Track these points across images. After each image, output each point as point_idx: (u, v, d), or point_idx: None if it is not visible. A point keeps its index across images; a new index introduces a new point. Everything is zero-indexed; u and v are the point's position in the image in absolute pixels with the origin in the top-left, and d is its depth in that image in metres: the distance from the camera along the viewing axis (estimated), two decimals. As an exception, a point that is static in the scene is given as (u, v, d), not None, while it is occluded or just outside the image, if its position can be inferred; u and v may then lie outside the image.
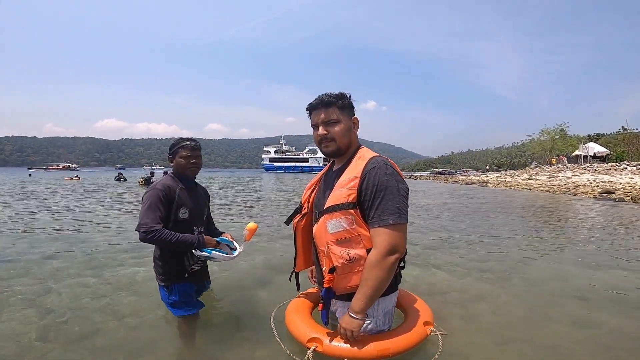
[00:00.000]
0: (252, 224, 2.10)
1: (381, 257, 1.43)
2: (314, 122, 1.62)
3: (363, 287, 1.47)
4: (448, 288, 2.89)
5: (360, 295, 1.48)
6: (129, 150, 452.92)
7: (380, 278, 1.44)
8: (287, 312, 1.92)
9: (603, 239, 5.21)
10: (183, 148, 2.02)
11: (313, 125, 1.64)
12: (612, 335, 2.10)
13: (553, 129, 42.59)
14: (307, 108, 1.65)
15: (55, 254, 3.78)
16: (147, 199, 1.90)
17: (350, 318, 1.50)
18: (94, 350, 1.85)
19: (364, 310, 1.49)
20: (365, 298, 1.47)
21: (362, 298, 1.48)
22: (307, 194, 1.86)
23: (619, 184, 16.87)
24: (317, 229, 1.61)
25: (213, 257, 1.93)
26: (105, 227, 5.60)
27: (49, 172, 59.13)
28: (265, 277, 3.13)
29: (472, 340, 1.99)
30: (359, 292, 1.49)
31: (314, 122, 1.63)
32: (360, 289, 1.49)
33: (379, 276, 1.44)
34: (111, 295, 2.62)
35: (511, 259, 3.92)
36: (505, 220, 7.07)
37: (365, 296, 1.47)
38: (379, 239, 1.45)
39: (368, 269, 1.46)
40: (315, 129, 1.62)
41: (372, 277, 1.45)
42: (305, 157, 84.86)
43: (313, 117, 1.63)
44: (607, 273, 3.39)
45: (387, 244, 1.43)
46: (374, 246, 1.46)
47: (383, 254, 1.43)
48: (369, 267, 1.46)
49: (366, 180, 1.48)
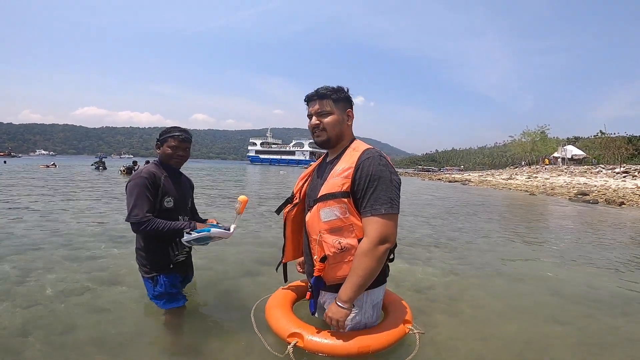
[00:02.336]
0: (243, 196, 2.06)
1: (372, 246, 1.45)
2: (309, 112, 1.69)
3: (352, 276, 1.49)
4: (431, 284, 2.95)
5: (348, 284, 1.49)
6: (109, 139, 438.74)
7: (370, 267, 1.46)
8: (268, 306, 1.92)
9: (577, 238, 5.43)
10: (172, 138, 1.99)
11: (308, 115, 1.70)
12: (584, 330, 2.20)
13: (534, 131, 43.86)
14: (305, 99, 1.72)
15: (33, 244, 3.65)
16: (134, 188, 1.84)
17: (337, 307, 1.52)
18: (76, 345, 1.80)
19: (351, 299, 1.51)
20: (353, 287, 1.49)
21: (351, 287, 1.49)
22: (300, 184, 1.88)
23: (593, 186, 17.54)
24: (310, 217, 1.62)
25: (211, 235, 1.84)
26: (85, 217, 5.44)
27: (23, 159, 56.57)
28: (251, 268, 3.11)
29: (454, 335, 2.04)
30: (347, 281, 1.50)
31: (309, 112, 1.69)
32: (349, 278, 1.49)
33: (369, 265, 1.46)
34: (93, 287, 2.55)
35: (490, 256, 4.03)
36: (487, 218, 7.26)
37: (353, 285, 1.48)
38: (371, 228, 1.47)
39: (358, 258, 1.47)
40: (310, 119, 1.68)
41: (362, 266, 1.46)
42: (291, 150, 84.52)
43: (309, 107, 1.69)
44: (580, 271, 3.54)
45: (378, 233, 1.45)
46: (366, 235, 1.48)
47: (374, 243, 1.45)
48: (359, 256, 1.47)
49: (360, 170, 1.51)
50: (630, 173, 20.11)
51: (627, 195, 13.21)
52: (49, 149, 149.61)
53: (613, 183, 17.96)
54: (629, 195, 12.99)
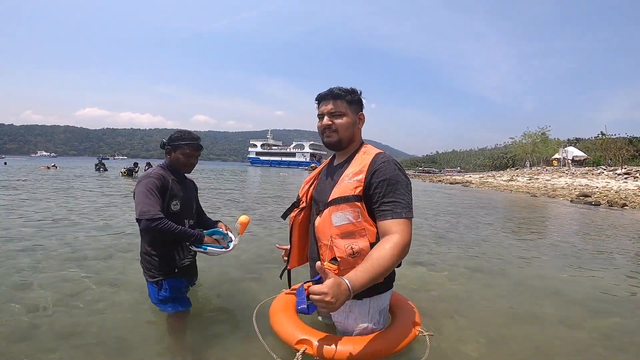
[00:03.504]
0: (244, 216, 2.06)
1: (405, 244, 1.37)
2: (321, 112, 1.62)
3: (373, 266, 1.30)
4: (436, 286, 2.92)
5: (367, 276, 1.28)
6: (110, 140, 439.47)
7: (393, 263, 1.33)
8: (272, 310, 1.86)
9: (582, 240, 5.40)
10: (188, 146, 1.98)
11: (319, 115, 1.63)
12: (593, 334, 2.17)
13: (535, 132, 43.81)
14: (317, 98, 1.65)
15: (36, 246, 3.63)
16: (144, 187, 1.82)
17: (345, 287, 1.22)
18: (79, 348, 1.78)
19: (362, 287, 1.28)
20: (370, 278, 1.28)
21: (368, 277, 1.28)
22: (306, 188, 1.81)
23: (595, 187, 17.50)
24: (321, 222, 1.55)
25: (208, 252, 1.91)
26: (88, 219, 5.41)
27: (26, 158, 56.37)
28: (255, 271, 3.09)
29: (461, 338, 2.02)
30: (366, 270, 1.29)
31: (320, 112, 1.63)
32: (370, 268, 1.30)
33: (394, 262, 1.33)
34: (96, 290, 2.53)
35: (495, 257, 4.00)
36: (489, 221, 7.23)
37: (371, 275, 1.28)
38: (400, 229, 1.39)
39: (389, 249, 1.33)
40: (321, 119, 1.62)
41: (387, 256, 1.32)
42: (291, 152, 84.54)
43: (321, 106, 1.63)
44: (587, 273, 3.50)
45: (407, 234, 1.39)
46: (398, 233, 1.38)
47: (407, 242, 1.37)
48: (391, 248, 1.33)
49: (377, 174, 1.47)
50: (631, 174, 20.05)
51: (629, 196, 13.18)
52: (50, 150, 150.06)
53: (615, 184, 17.91)
54: (631, 197, 12.96)
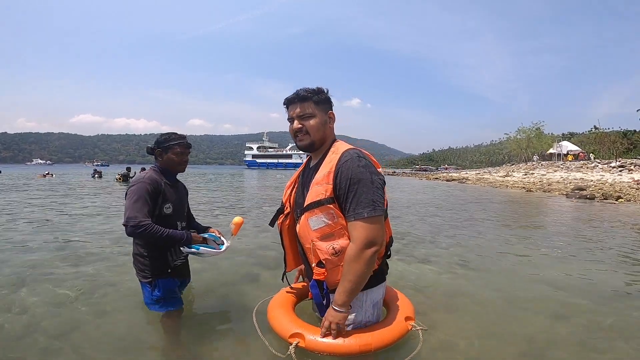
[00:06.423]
0: (238, 217, 2.08)
1: (359, 251, 1.44)
2: (290, 116, 1.64)
3: (344, 282, 1.49)
4: (430, 281, 2.94)
5: (341, 289, 1.50)
6: (105, 147, 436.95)
7: (359, 272, 1.46)
8: (270, 307, 1.91)
9: (576, 233, 5.45)
10: (179, 145, 2.01)
11: (289, 119, 1.65)
12: (588, 327, 2.18)
13: (529, 128, 44.13)
14: (284, 102, 1.66)
15: (33, 248, 3.64)
16: (135, 192, 1.83)
17: (334, 311, 1.52)
18: (75, 348, 1.79)
19: (346, 303, 1.51)
20: (346, 292, 1.49)
21: (344, 292, 1.49)
22: (287, 193, 1.84)
23: (590, 181, 17.62)
24: (300, 227, 1.62)
25: (201, 253, 1.92)
26: (86, 222, 5.39)
27: (21, 167, 56.02)
28: (249, 272, 3.09)
29: (454, 333, 2.03)
30: (340, 285, 1.51)
31: (290, 116, 1.65)
32: (341, 283, 1.50)
33: (358, 270, 1.45)
34: (91, 291, 2.54)
35: (490, 252, 4.04)
36: (484, 216, 7.27)
37: (346, 290, 1.49)
38: (356, 233, 1.46)
39: (347, 264, 1.48)
40: (291, 123, 1.64)
41: (352, 271, 1.46)
42: (288, 154, 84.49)
43: (289, 110, 1.64)
44: (581, 266, 3.53)
45: (363, 237, 1.44)
46: (352, 240, 1.48)
47: (360, 248, 1.44)
48: (347, 262, 1.47)
49: (339, 174, 1.49)
50: (626, 167, 20.21)
51: (623, 189, 13.27)
52: (45, 158, 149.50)
53: (609, 177, 18.03)
54: (626, 189, 13.05)
